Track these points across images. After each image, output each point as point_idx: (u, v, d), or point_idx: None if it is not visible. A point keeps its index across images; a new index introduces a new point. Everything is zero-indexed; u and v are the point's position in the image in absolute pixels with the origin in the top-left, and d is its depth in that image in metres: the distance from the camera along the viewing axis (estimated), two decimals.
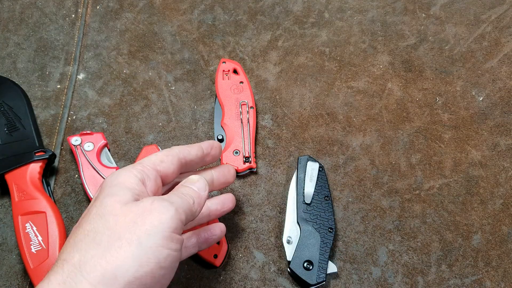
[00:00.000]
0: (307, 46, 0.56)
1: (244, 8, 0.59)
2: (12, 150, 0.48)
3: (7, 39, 0.58)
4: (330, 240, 0.43)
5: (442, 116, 0.51)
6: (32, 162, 0.47)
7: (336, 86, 0.54)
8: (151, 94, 0.54)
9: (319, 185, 0.46)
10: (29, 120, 0.51)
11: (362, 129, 0.51)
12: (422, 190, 0.47)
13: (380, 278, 0.44)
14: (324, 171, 0.47)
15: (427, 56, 0.55)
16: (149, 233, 0.29)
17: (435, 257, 0.44)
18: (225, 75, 0.51)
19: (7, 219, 0.47)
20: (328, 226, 0.44)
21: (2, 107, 0.51)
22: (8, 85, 0.53)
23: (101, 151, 0.49)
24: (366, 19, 0.58)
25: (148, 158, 0.35)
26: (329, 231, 0.43)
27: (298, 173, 0.46)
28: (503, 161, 0.49)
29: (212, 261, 0.43)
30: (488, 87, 0.53)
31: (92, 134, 0.49)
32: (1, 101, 0.51)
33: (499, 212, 0.46)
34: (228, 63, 0.52)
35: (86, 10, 0.60)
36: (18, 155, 0.47)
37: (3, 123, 0.50)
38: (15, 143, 0.49)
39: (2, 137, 0.49)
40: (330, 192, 0.46)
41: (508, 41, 0.55)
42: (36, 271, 0.41)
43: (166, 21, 0.59)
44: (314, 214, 0.44)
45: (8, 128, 0.50)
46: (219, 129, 0.50)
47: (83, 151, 0.48)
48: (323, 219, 0.44)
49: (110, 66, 0.56)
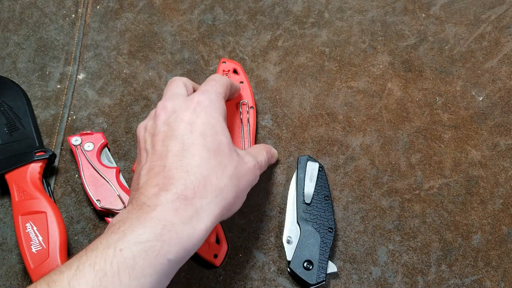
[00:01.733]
0: (307, 46, 0.56)
1: (244, 8, 0.59)
2: (12, 150, 0.48)
3: (7, 39, 0.58)
4: (330, 240, 0.43)
5: (442, 116, 0.51)
6: (32, 162, 0.47)
7: (336, 86, 0.54)
8: (151, 94, 0.54)
9: (319, 185, 0.46)
10: (29, 120, 0.51)
11: (362, 129, 0.51)
12: (422, 190, 0.48)
13: (380, 278, 0.44)
14: (324, 171, 0.47)
15: (427, 56, 0.55)
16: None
17: (435, 257, 0.44)
18: (225, 75, 0.51)
19: (7, 219, 0.47)
20: (328, 226, 0.44)
21: (2, 107, 0.51)
22: (8, 85, 0.53)
23: (101, 151, 0.49)
24: (366, 19, 0.58)
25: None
26: (329, 231, 0.44)
27: (298, 173, 0.46)
28: (503, 161, 0.49)
29: (212, 261, 0.43)
30: (488, 87, 0.53)
31: (92, 134, 0.49)
32: (1, 101, 0.51)
33: (499, 212, 0.46)
34: (228, 63, 0.52)
35: (86, 10, 0.60)
36: (18, 155, 0.47)
37: (3, 123, 0.50)
38: (15, 143, 0.49)
39: (2, 137, 0.49)
40: (330, 192, 0.46)
41: (508, 41, 0.55)
42: (36, 271, 0.41)
43: (166, 21, 0.59)
44: (314, 214, 0.44)
45: (8, 128, 0.50)
46: None
47: (83, 151, 0.48)
48: (323, 219, 0.44)
49: (110, 66, 0.56)
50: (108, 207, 0.45)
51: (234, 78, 0.51)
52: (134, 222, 0.30)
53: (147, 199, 0.32)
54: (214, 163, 0.35)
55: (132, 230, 0.29)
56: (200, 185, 0.33)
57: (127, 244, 0.28)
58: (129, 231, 0.29)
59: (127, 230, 0.29)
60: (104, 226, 0.47)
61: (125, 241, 0.28)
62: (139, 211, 0.31)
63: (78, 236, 0.47)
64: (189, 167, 0.34)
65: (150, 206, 0.31)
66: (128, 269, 0.27)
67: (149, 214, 0.30)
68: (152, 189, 0.32)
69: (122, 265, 0.27)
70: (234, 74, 0.52)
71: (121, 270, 0.27)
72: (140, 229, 0.29)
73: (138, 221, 0.30)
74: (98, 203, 0.46)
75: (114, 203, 0.46)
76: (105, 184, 0.47)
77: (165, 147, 0.35)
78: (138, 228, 0.29)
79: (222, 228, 0.45)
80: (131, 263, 0.28)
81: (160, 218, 0.30)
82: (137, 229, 0.29)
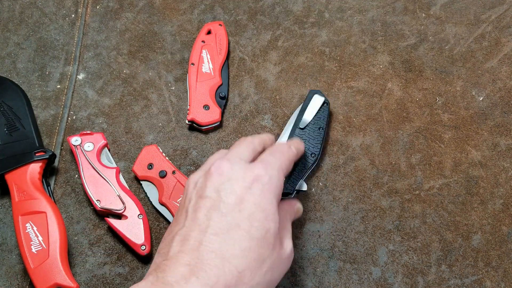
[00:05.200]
0: (307, 46, 0.56)
1: (244, 8, 0.59)
2: (12, 150, 0.48)
3: (7, 39, 0.58)
4: (310, 163, 0.46)
5: (442, 116, 0.51)
6: (32, 162, 0.47)
7: (336, 86, 0.54)
8: (151, 94, 0.54)
9: (318, 116, 0.49)
10: (29, 120, 0.51)
11: (362, 129, 0.51)
12: (422, 190, 0.48)
13: (380, 278, 0.44)
14: (328, 108, 0.50)
15: (427, 56, 0.55)
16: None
17: (435, 257, 0.44)
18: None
19: (7, 219, 0.47)
20: (312, 152, 0.47)
21: (2, 107, 0.51)
22: (8, 85, 0.53)
23: (101, 151, 0.49)
24: (366, 19, 0.58)
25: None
26: (311, 156, 0.47)
27: (304, 102, 0.49)
28: (503, 161, 0.49)
29: None
30: (488, 87, 0.53)
31: (92, 134, 0.49)
32: (0, 101, 0.51)
33: (499, 212, 0.46)
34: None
35: (86, 10, 0.60)
36: (18, 155, 0.47)
37: (3, 123, 0.50)
38: (15, 143, 0.49)
39: (2, 137, 0.49)
40: (326, 126, 0.49)
41: (508, 41, 0.55)
42: (36, 271, 0.41)
43: (166, 21, 0.59)
44: (303, 138, 0.48)
45: (8, 128, 0.50)
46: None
47: (83, 151, 0.48)
48: (310, 144, 0.47)
49: (110, 66, 0.56)
50: (108, 207, 0.45)
51: (210, 38, 0.55)
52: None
53: (175, 281, 0.29)
54: (253, 256, 0.32)
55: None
56: (233, 281, 0.30)
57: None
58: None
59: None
60: (104, 225, 0.47)
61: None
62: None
63: (78, 236, 0.47)
64: (227, 255, 0.31)
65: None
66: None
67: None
68: (182, 268, 0.30)
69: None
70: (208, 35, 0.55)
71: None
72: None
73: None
74: (98, 203, 0.46)
75: (114, 203, 0.46)
76: (105, 184, 0.47)
77: (207, 219, 0.32)
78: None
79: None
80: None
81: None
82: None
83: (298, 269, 0.44)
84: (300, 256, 0.45)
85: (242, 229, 0.32)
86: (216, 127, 0.52)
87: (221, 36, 0.55)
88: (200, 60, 0.54)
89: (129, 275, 0.45)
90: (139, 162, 0.48)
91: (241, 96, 0.54)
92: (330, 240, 0.46)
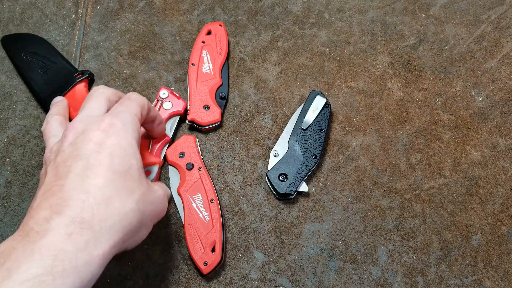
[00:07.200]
0: (307, 46, 0.56)
1: (244, 8, 0.59)
2: (55, 85, 0.51)
3: None
4: (311, 164, 0.47)
5: (442, 116, 0.51)
6: (77, 84, 0.51)
7: (336, 86, 0.54)
8: (151, 94, 0.54)
9: (319, 118, 0.49)
10: (58, 55, 0.55)
11: (362, 129, 0.51)
12: (422, 190, 0.48)
13: (380, 278, 0.44)
14: (330, 109, 0.50)
15: (427, 56, 0.55)
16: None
17: (435, 257, 0.44)
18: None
19: (7, 219, 0.48)
20: (313, 153, 0.47)
21: (26, 56, 0.54)
22: (22, 37, 0.56)
23: (172, 117, 0.51)
24: (366, 19, 0.58)
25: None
26: (313, 157, 0.47)
27: (305, 103, 0.50)
28: (503, 161, 0.49)
29: (200, 267, 0.42)
30: (488, 87, 0.53)
31: (179, 98, 0.52)
32: (23, 53, 0.54)
33: (499, 212, 0.46)
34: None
35: (86, 11, 0.60)
36: (62, 85, 0.51)
37: (35, 68, 0.53)
38: (54, 78, 0.52)
39: (41, 79, 0.53)
40: (327, 128, 0.49)
41: (508, 41, 0.55)
42: None
43: (166, 22, 0.59)
44: (305, 139, 0.48)
45: (42, 69, 0.53)
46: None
47: (162, 105, 0.51)
48: (311, 146, 0.48)
49: (110, 67, 0.56)
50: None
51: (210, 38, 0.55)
52: (20, 254, 0.27)
53: (36, 223, 0.28)
54: (119, 185, 0.32)
55: (18, 266, 0.26)
56: (101, 206, 0.30)
57: (13, 284, 0.25)
58: (14, 268, 0.26)
59: (13, 266, 0.26)
60: None
61: (11, 281, 0.25)
62: (26, 238, 0.27)
63: None
64: (91, 188, 0.30)
65: (39, 233, 0.28)
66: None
67: (37, 243, 0.27)
68: (43, 212, 0.29)
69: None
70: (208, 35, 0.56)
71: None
72: (27, 263, 0.26)
73: (24, 253, 0.27)
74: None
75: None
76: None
77: (67, 167, 0.31)
78: (24, 263, 0.26)
79: (223, 236, 0.45)
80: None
81: (50, 246, 0.27)
82: (24, 263, 0.26)
83: (298, 269, 0.44)
84: (300, 256, 0.45)
85: (104, 165, 0.32)
86: (216, 127, 0.52)
87: (221, 37, 0.56)
88: (200, 60, 0.54)
89: (129, 275, 0.45)
90: (173, 148, 0.49)
91: (241, 96, 0.54)
92: (330, 240, 0.46)
